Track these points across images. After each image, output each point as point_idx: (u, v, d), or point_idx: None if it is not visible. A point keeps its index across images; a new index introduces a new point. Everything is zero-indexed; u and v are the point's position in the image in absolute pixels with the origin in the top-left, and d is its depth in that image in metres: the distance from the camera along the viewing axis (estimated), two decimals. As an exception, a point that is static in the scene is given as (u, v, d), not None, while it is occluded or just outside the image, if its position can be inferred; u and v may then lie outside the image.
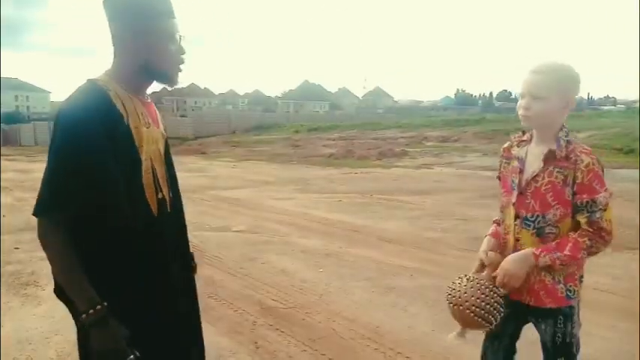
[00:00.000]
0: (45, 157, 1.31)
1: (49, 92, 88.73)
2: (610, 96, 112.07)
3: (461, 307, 1.62)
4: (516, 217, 1.69)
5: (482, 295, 1.62)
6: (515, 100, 1.76)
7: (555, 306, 1.66)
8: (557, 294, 1.66)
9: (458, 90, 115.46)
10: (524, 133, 1.78)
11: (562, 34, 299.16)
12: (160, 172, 1.49)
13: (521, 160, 1.72)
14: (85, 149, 1.30)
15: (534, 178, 1.66)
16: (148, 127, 1.45)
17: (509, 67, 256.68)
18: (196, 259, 1.70)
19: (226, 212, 7.53)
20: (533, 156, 1.69)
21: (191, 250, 1.69)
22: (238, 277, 4.43)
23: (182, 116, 42.39)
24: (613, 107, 62.06)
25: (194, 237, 5.74)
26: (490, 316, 1.61)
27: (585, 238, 1.60)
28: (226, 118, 34.57)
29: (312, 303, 3.76)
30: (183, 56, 1.47)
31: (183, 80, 1.55)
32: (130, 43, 1.41)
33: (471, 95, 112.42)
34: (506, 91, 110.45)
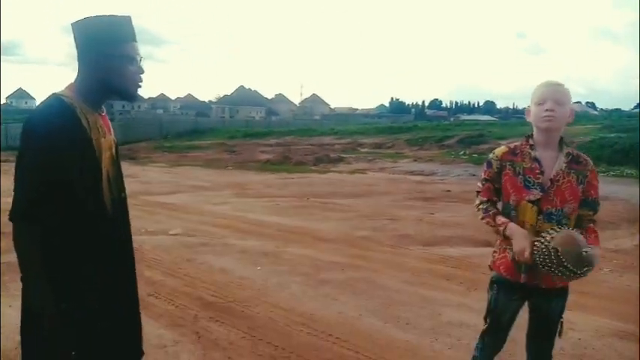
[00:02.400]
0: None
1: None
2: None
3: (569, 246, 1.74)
4: (539, 212, 1.89)
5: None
6: (445, 109, 2.06)
7: (565, 284, 1.97)
8: None
9: (392, 99, 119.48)
10: (528, 139, 1.97)
11: (493, 47, 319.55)
12: (113, 175, 1.70)
13: (539, 162, 1.92)
14: (56, 160, 1.49)
15: (557, 177, 1.89)
16: (104, 137, 1.66)
17: (441, 78, 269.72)
18: (136, 259, 1.90)
19: (162, 217, 7.51)
20: (548, 159, 1.92)
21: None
22: (177, 276, 4.54)
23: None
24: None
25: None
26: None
27: (594, 228, 1.95)
28: (157, 123, 33.68)
29: (251, 297, 3.98)
30: (142, 75, 1.68)
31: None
32: (94, 64, 1.60)
33: (405, 104, 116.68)
34: (437, 100, 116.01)
